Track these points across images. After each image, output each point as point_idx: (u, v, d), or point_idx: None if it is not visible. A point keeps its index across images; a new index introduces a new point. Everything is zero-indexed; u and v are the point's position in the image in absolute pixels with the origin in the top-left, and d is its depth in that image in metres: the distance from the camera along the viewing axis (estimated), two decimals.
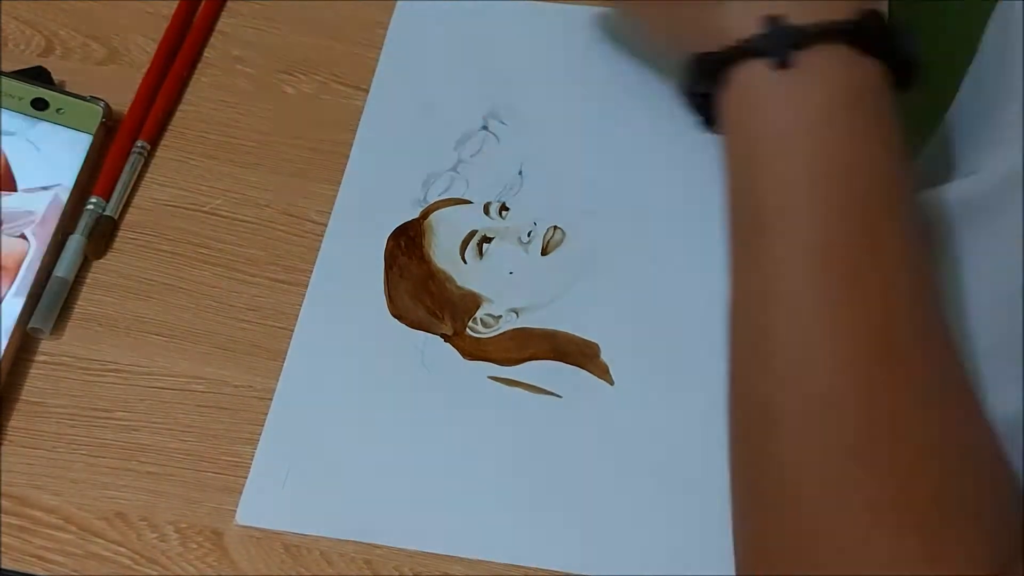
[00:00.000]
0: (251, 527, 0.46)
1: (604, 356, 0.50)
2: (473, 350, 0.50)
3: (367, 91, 0.58)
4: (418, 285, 0.52)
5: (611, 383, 0.49)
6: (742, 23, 0.40)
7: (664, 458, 0.47)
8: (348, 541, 0.46)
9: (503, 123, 0.57)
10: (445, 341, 0.51)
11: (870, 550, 0.34)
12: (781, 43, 0.39)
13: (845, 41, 0.39)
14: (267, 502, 0.47)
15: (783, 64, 0.39)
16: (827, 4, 0.39)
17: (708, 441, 0.47)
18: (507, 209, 0.54)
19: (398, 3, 0.61)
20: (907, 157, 0.40)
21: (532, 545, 0.46)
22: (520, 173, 0.55)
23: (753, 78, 0.40)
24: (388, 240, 0.53)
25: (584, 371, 0.50)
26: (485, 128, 0.57)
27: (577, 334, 0.51)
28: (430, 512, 0.47)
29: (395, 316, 0.51)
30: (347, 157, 0.56)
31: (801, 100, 0.39)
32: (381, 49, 0.59)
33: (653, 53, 0.51)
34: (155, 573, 0.46)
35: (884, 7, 0.41)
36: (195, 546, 0.46)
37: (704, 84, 0.42)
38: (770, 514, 0.37)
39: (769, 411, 0.38)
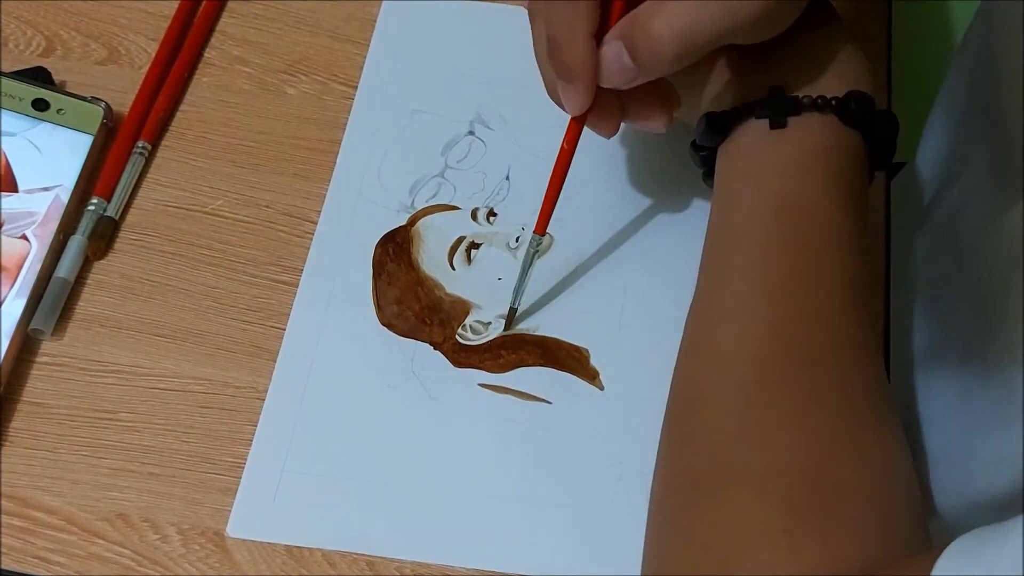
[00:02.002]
0: (245, 539, 0.46)
1: (594, 361, 0.50)
2: (462, 357, 0.50)
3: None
4: (406, 292, 0.52)
5: (601, 388, 0.49)
6: (751, 91, 0.46)
7: (654, 463, 0.47)
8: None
9: (489, 128, 0.56)
10: (434, 349, 0.50)
11: (741, 511, 0.38)
12: (778, 109, 0.45)
13: (831, 112, 0.45)
14: (258, 514, 0.47)
15: (777, 125, 0.45)
16: (824, 81, 0.45)
17: None
18: (495, 215, 0.54)
19: (384, 3, 0.60)
20: (865, 213, 0.45)
21: (521, 551, 0.46)
22: (507, 178, 0.55)
23: (749, 133, 0.46)
24: (376, 247, 0.53)
25: (574, 377, 0.50)
26: (472, 133, 0.56)
27: (566, 340, 0.50)
28: (420, 521, 0.46)
29: (384, 324, 0.51)
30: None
31: (782, 151, 0.45)
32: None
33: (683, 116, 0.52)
34: (157, 574, 0.46)
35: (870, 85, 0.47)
36: (197, 547, 0.46)
37: (712, 138, 0.47)
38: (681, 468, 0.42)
39: (695, 391, 0.43)
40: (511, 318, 0.51)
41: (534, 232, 0.48)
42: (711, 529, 0.38)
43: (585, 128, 0.47)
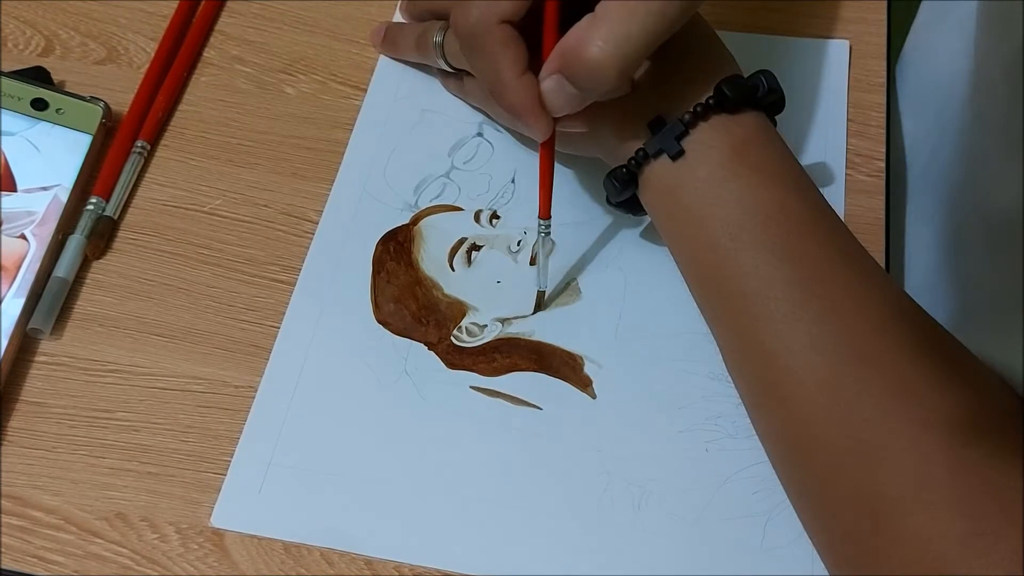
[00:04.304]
0: (228, 529, 0.46)
1: (587, 370, 0.50)
2: (456, 359, 0.50)
3: (366, 91, 0.58)
4: (404, 291, 0.52)
5: (593, 397, 0.49)
6: (633, 135, 0.47)
7: (643, 474, 0.47)
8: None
9: (498, 130, 0.56)
10: (429, 349, 0.50)
11: (908, 536, 0.38)
12: (668, 140, 0.45)
13: (715, 113, 0.45)
14: (243, 505, 0.47)
15: (677, 156, 0.45)
16: (691, 91, 0.46)
17: (686, 458, 0.47)
18: (498, 217, 0.54)
19: (399, 2, 0.61)
20: (802, 171, 0.46)
21: (502, 556, 0.45)
22: (513, 181, 0.55)
23: (659, 174, 0.46)
24: (377, 245, 0.53)
25: (566, 384, 0.49)
26: (480, 135, 0.56)
27: (561, 346, 0.50)
28: (402, 521, 0.46)
29: (380, 322, 0.51)
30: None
31: (699, 175, 0.45)
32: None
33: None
34: (155, 574, 0.45)
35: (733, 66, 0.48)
36: (195, 547, 0.46)
37: (622, 193, 0.48)
38: (820, 531, 0.43)
39: (783, 445, 0.44)
40: (540, 300, 0.51)
41: (539, 217, 0.49)
42: (907, 562, 0.38)
43: None
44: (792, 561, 0.44)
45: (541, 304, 0.51)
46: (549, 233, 0.49)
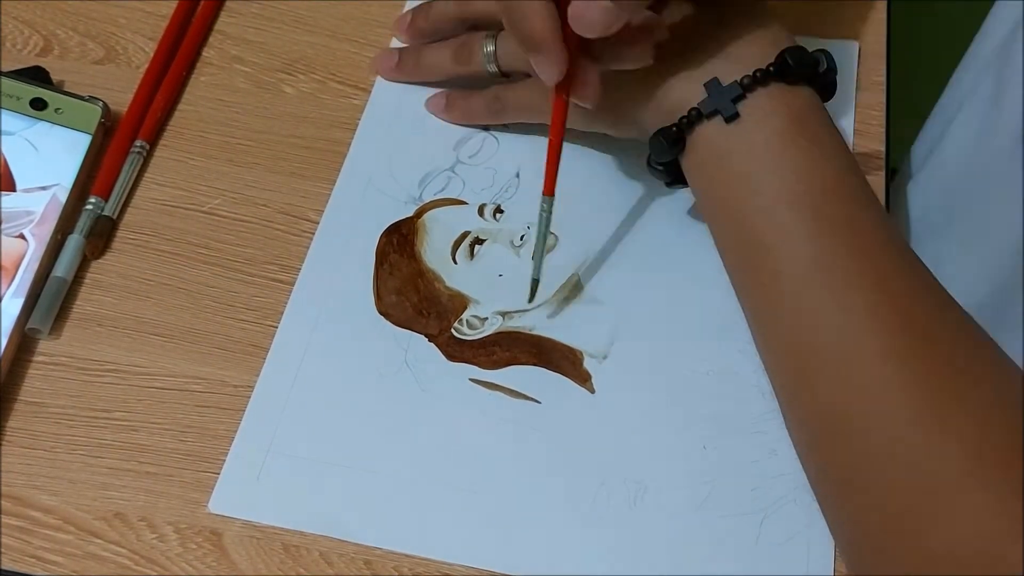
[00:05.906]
0: (225, 515, 0.46)
1: (587, 365, 0.50)
2: (456, 351, 0.50)
3: (366, 90, 0.58)
4: (406, 282, 0.52)
5: (592, 391, 0.49)
6: (686, 94, 0.46)
7: (640, 470, 0.47)
8: (348, 542, 0.46)
9: (504, 125, 0.56)
10: (429, 341, 0.50)
11: (965, 512, 0.38)
12: (724, 101, 0.45)
13: (774, 80, 0.45)
14: (240, 491, 0.47)
15: (731, 118, 0.45)
16: (751, 55, 0.46)
17: (683, 455, 0.47)
18: (501, 212, 0.54)
19: (408, 1, 0.61)
20: (851, 152, 0.46)
21: (495, 548, 0.45)
22: (517, 176, 0.55)
23: (711, 136, 0.46)
24: (380, 237, 0.53)
25: (565, 378, 0.49)
26: (486, 129, 0.56)
27: (562, 340, 0.50)
28: (399, 511, 0.46)
29: (381, 313, 0.51)
30: (345, 156, 0.56)
31: (755, 140, 0.45)
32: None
33: (623, 135, 0.53)
34: (154, 574, 0.45)
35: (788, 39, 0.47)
36: (194, 546, 0.46)
37: (670, 153, 0.47)
38: (865, 512, 0.41)
39: (833, 418, 0.42)
40: (534, 289, 0.51)
41: (543, 194, 0.48)
42: (962, 539, 0.38)
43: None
44: (787, 560, 0.44)
45: (534, 293, 0.51)
46: (551, 213, 0.48)
